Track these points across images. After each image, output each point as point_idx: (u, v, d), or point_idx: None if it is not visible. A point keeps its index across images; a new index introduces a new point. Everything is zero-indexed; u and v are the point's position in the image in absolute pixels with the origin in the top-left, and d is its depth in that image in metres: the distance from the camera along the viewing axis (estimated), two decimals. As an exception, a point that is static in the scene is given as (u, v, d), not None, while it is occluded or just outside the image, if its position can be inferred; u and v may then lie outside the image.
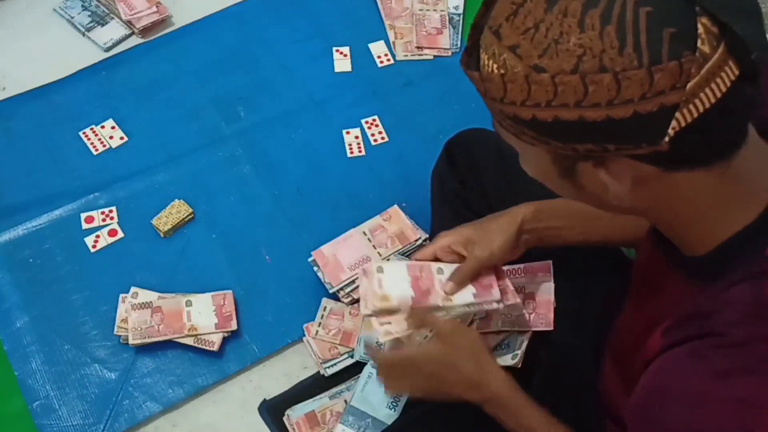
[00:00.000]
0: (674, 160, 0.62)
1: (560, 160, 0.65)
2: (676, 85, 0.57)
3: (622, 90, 0.57)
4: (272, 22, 1.68)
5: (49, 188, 1.43)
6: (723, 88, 0.58)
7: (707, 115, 0.58)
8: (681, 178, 0.63)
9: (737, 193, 0.65)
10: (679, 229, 0.70)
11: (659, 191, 0.65)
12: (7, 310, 1.30)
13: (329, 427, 1.17)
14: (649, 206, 0.68)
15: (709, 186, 0.64)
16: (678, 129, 0.58)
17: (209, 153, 1.49)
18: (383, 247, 1.30)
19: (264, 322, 1.30)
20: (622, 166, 0.62)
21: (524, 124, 0.62)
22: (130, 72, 1.59)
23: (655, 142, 0.59)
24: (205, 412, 1.23)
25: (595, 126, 0.59)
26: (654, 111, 0.58)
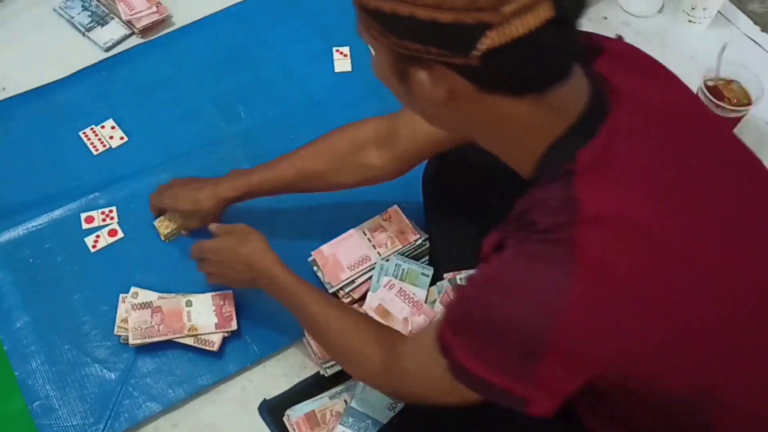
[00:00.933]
0: (485, 79, 0.71)
1: (398, 62, 0.74)
2: (495, 6, 0.65)
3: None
4: (272, 22, 1.68)
5: (49, 188, 1.43)
6: (535, 23, 0.66)
7: (515, 43, 0.66)
8: (496, 102, 0.72)
9: (550, 118, 0.74)
10: (505, 151, 0.80)
11: (476, 110, 0.74)
12: (7, 310, 1.30)
13: (329, 427, 1.17)
14: (469, 123, 0.78)
15: (524, 112, 0.73)
16: (489, 47, 0.66)
17: (209, 153, 1.49)
18: (383, 247, 1.30)
19: (264, 322, 1.30)
20: (442, 73, 0.71)
21: (371, 15, 0.71)
22: (130, 72, 1.59)
23: (468, 54, 0.67)
24: (205, 412, 1.23)
25: (422, 25, 0.67)
26: (471, 24, 0.66)
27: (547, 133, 0.75)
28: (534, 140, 0.76)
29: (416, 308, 1.20)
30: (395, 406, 1.16)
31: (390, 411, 1.16)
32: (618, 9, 1.71)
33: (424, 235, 1.31)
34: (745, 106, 1.40)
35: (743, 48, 1.63)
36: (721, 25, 1.67)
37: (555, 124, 0.75)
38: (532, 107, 0.73)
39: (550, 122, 0.75)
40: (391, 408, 1.16)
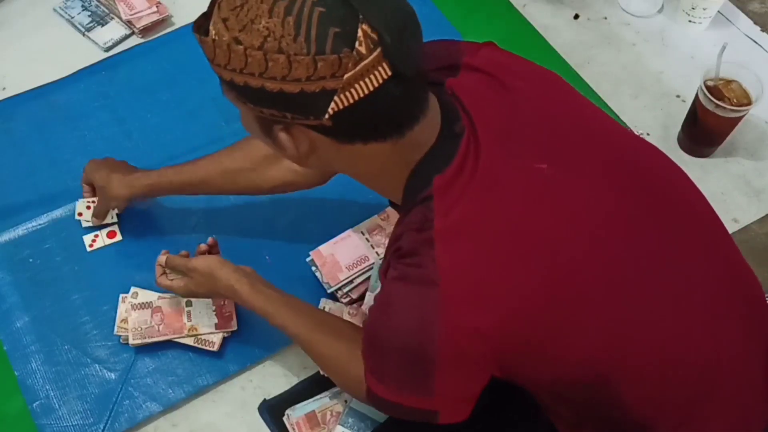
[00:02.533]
0: (340, 135, 0.78)
1: (260, 121, 0.81)
2: (335, 74, 0.71)
3: (293, 70, 0.71)
4: (272, 22, 1.67)
5: (49, 188, 1.43)
6: (375, 83, 0.72)
7: (360, 102, 0.73)
8: (357, 149, 0.79)
9: (410, 152, 0.82)
10: (374, 185, 0.89)
11: (340, 157, 0.82)
12: (7, 310, 1.30)
13: (329, 427, 1.17)
14: (338, 167, 0.87)
15: (385, 153, 0.81)
16: (336, 110, 0.73)
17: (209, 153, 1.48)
18: (381, 247, 1.30)
19: (264, 322, 1.28)
20: (301, 132, 0.79)
21: (228, 85, 0.78)
22: (130, 72, 1.59)
23: (319, 117, 0.74)
24: (205, 412, 1.23)
25: (274, 95, 0.74)
26: (317, 91, 0.72)
27: (407, 163, 0.83)
28: (397, 174, 0.84)
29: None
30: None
31: (389, 411, 1.16)
32: (618, 9, 1.71)
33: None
34: (745, 106, 1.40)
35: (743, 48, 1.63)
36: (721, 25, 1.66)
37: (413, 155, 0.82)
38: (392, 148, 0.80)
39: (410, 156, 0.82)
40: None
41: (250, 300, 1.10)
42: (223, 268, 1.13)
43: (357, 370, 0.94)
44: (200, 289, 1.16)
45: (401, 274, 0.81)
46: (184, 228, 1.39)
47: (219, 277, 1.12)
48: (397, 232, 0.85)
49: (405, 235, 0.82)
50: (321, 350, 1.06)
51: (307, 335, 1.07)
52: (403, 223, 0.84)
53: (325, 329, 1.07)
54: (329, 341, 1.05)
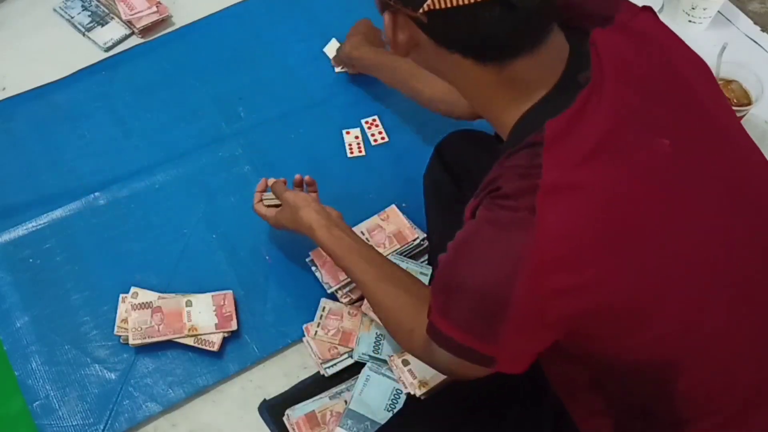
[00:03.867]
0: (437, 36, 0.77)
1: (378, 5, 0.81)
2: None
3: None
4: (272, 22, 1.68)
5: (49, 188, 1.43)
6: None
7: (456, 11, 0.71)
8: (459, 62, 0.78)
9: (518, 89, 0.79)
10: (482, 110, 0.85)
11: (442, 64, 0.80)
12: (7, 310, 1.30)
13: (329, 427, 1.17)
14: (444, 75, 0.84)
15: (487, 78, 0.78)
16: (432, 8, 0.72)
17: (209, 153, 1.49)
18: (381, 247, 1.30)
19: (264, 322, 1.30)
20: (404, 21, 0.79)
21: None
22: (130, 72, 1.59)
23: (415, 8, 0.74)
24: (205, 412, 1.23)
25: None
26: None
27: (517, 104, 0.79)
28: (505, 109, 0.80)
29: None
30: (393, 407, 1.16)
31: (388, 412, 1.16)
32: (618, 9, 1.70)
33: (422, 235, 1.31)
34: (745, 106, 1.39)
35: (743, 48, 1.63)
36: (721, 25, 1.66)
37: (524, 96, 0.79)
38: (494, 76, 0.78)
39: (518, 93, 0.79)
40: (389, 409, 1.16)
41: (323, 240, 1.14)
42: (307, 206, 1.17)
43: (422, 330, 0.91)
44: (286, 221, 1.21)
45: (494, 216, 0.77)
46: (185, 228, 1.39)
47: (301, 214, 1.17)
48: (495, 172, 0.79)
49: (506, 176, 0.77)
50: (383, 300, 1.06)
51: (371, 283, 1.07)
52: (505, 165, 0.78)
53: (391, 280, 1.06)
54: (394, 292, 1.04)
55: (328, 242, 1.13)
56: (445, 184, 1.26)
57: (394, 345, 1.20)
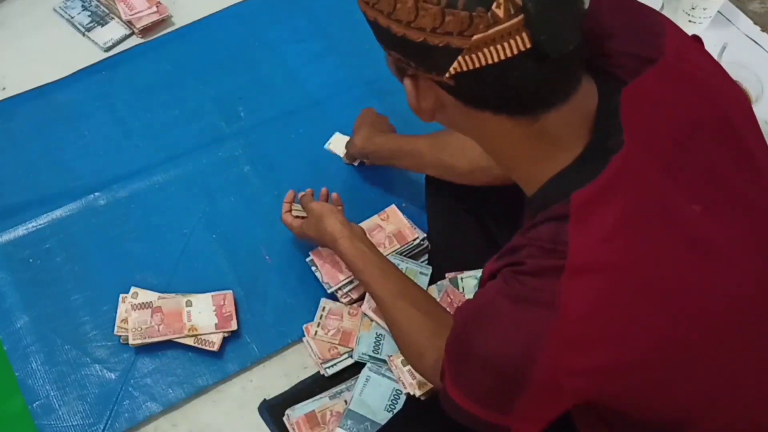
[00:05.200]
0: (465, 98, 0.71)
1: (393, 64, 0.76)
2: (463, 32, 0.65)
3: (419, 17, 0.66)
4: (272, 22, 1.68)
5: (49, 188, 1.43)
6: (508, 53, 0.65)
7: (486, 70, 0.66)
8: (487, 119, 0.72)
9: (547, 146, 0.73)
10: (507, 169, 0.80)
11: (469, 122, 0.75)
12: (7, 310, 1.30)
13: (329, 427, 1.17)
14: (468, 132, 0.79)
15: (516, 134, 0.73)
16: (459, 71, 0.67)
17: (209, 153, 1.49)
18: (381, 247, 1.30)
19: (264, 322, 1.30)
20: (427, 85, 0.73)
21: (369, 24, 0.73)
22: (130, 72, 1.59)
23: (441, 73, 0.69)
24: (205, 412, 1.23)
25: (398, 40, 0.69)
26: (440, 46, 0.66)
27: (545, 164, 0.74)
28: (532, 168, 0.76)
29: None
30: (393, 408, 1.16)
31: (388, 412, 1.16)
32: (618, 9, 1.70)
33: (422, 235, 1.31)
34: (745, 106, 1.39)
35: (743, 48, 1.63)
36: (721, 25, 1.66)
37: (553, 156, 0.74)
38: (524, 131, 0.72)
39: (546, 151, 0.74)
40: (389, 409, 1.16)
41: (345, 251, 1.14)
42: (331, 216, 1.18)
43: (433, 355, 0.90)
44: (310, 231, 1.22)
45: (515, 293, 0.73)
46: (185, 228, 1.39)
47: (326, 224, 1.17)
48: (519, 241, 0.76)
49: (529, 249, 0.73)
50: (398, 318, 1.05)
51: (388, 299, 1.06)
52: (528, 235, 0.74)
53: (409, 299, 1.05)
54: (411, 311, 1.03)
55: (350, 253, 1.14)
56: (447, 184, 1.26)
57: (393, 345, 1.20)
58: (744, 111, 0.82)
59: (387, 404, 1.16)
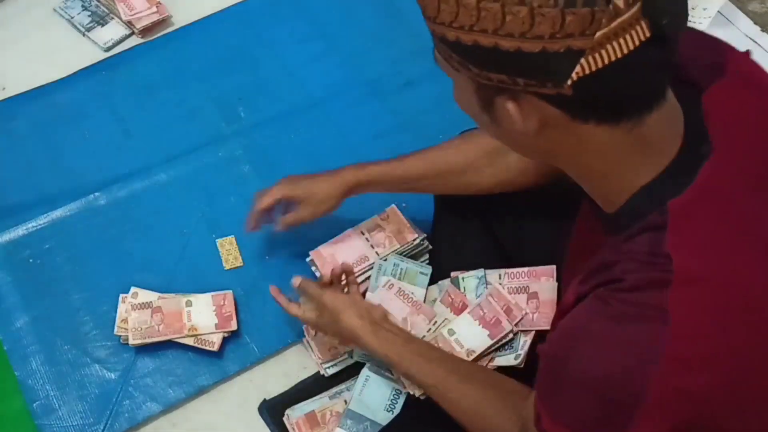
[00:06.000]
0: (578, 108, 0.65)
1: (481, 91, 0.68)
2: (585, 31, 0.60)
3: (535, 25, 0.60)
4: (272, 22, 1.68)
5: (49, 188, 1.43)
6: (631, 45, 0.61)
7: (611, 67, 0.61)
8: (588, 131, 0.67)
9: (643, 152, 0.69)
10: (591, 183, 0.75)
11: (567, 139, 0.69)
12: (7, 310, 1.30)
13: (329, 427, 1.17)
14: (559, 153, 0.72)
15: (616, 143, 0.68)
16: (582, 75, 0.62)
17: (209, 153, 1.49)
18: (381, 247, 1.30)
19: (264, 322, 1.30)
20: (531, 104, 0.66)
21: (450, 47, 0.66)
22: (130, 72, 1.59)
23: (559, 83, 0.63)
24: (205, 412, 1.23)
25: (508, 56, 0.63)
26: (561, 51, 0.61)
27: (639, 171, 0.71)
28: (624, 178, 0.72)
29: (415, 308, 1.20)
30: (393, 408, 1.16)
31: (388, 412, 1.15)
32: (618, 9, 1.70)
33: (422, 235, 1.31)
34: (745, 106, 1.39)
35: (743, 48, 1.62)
36: (721, 25, 1.66)
37: (647, 162, 0.70)
38: (624, 137, 0.68)
39: (642, 158, 0.70)
40: (389, 409, 1.16)
41: (373, 347, 1.05)
42: (347, 311, 1.07)
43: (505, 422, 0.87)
44: (327, 328, 1.12)
45: (618, 312, 0.68)
46: (185, 228, 1.39)
47: (342, 320, 1.07)
48: (610, 257, 0.71)
49: (625, 264, 0.69)
50: (463, 404, 0.97)
51: (442, 386, 0.99)
52: (621, 249, 0.71)
53: (462, 377, 0.98)
54: (471, 392, 0.96)
55: (378, 347, 1.04)
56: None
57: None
58: None
59: (387, 404, 1.16)
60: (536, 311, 1.13)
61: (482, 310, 1.14)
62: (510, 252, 1.21)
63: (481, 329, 1.13)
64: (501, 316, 1.12)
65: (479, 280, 1.19)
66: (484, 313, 1.13)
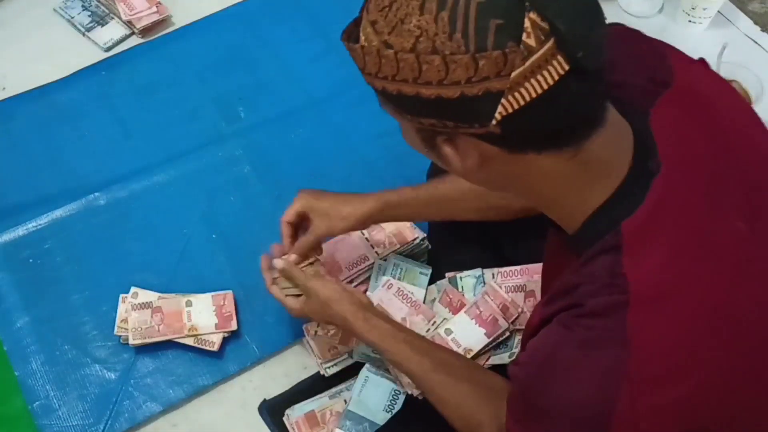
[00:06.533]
0: (511, 143, 0.66)
1: (420, 133, 0.70)
2: (500, 72, 0.61)
3: (450, 72, 0.62)
4: (272, 22, 1.68)
5: (49, 188, 1.43)
6: (550, 80, 0.62)
7: (534, 103, 0.62)
8: (530, 161, 0.68)
9: (590, 175, 0.70)
10: (548, 209, 0.76)
11: (511, 170, 0.70)
12: (7, 310, 1.30)
13: (329, 427, 1.17)
14: (508, 184, 0.74)
15: (561, 169, 0.69)
16: (506, 114, 0.63)
17: (209, 153, 1.49)
18: (381, 247, 1.30)
19: (264, 322, 1.30)
20: (467, 143, 0.67)
21: (382, 95, 0.68)
22: (130, 72, 1.59)
23: (485, 123, 0.64)
24: (205, 412, 1.23)
25: (431, 103, 0.64)
26: (479, 95, 0.62)
27: (590, 194, 0.72)
28: (576, 201, 0.73)
29: (414, 308, 1.20)
30: (392, 408, 1.16)
31: (387, 413, 1.16)
32: (618, 10, 1.71)
33: (422, 235, 1.31)
34: (745, 106, 1.39)
35: (743, 48, 1.63)
36: (721, 25, 1.66)
37: (597, 185, 0.71)
38: (569, 164, 0.69)
39: (591, 181, 0.71)
40: (389, 410, 1.16)
41: (365, 335, 1.06)
42: (339, 299, 1.07)
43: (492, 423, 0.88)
44: (314, 315, 1.11)
45: (581, 339, 0.70)
46: (185, 228, 1.39)
47: (334, 308, 1.07)
48: (570, 280, 0.73)
49: (585, 287, 0.71)
50: (445, 396, 0.99)
51: (425, 375, 1.01)
52: (580, 272, 0.72)
53: (448, 371, 1.00)
54: (455, 385, 0.99)
55: (368, 334, 1.05)
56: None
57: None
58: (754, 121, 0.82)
59: (386, 405, 1.16)
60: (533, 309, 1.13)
61: (478, 308, 1.14)
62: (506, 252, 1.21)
63: (477, 328, 1.13)
64: (497, 314, 1.12)
65: (477, 280, 1.20)
66: (481, 312, 1.14)
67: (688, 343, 0.68)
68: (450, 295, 1.22)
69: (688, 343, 0.68)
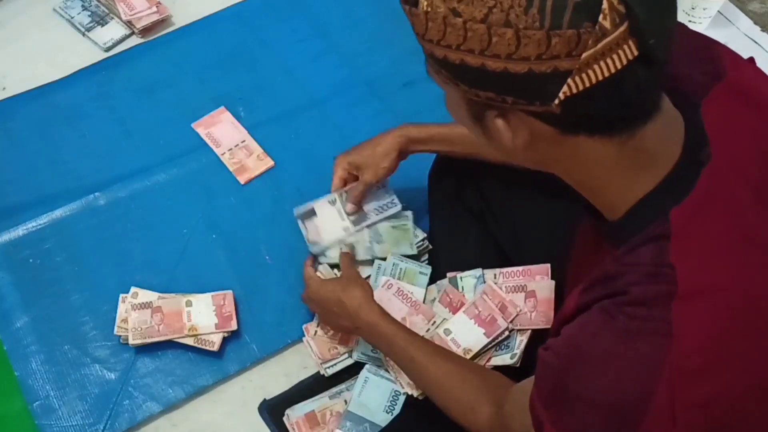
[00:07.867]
0: (567, 124, 0.66)
1: (471, 105, 0.69)
2: (571, 52, 0.60)
3: (521, 47, 0.61)
4: (272, 22, 1.68)
5: (49, 188, 1.43)
6: (618, 65, 0.61)
7: (598, 87, 0.62)
8: (580, 143, 0.67)
9: (639, 163, 0.69)
10: (591, 193, 0.75)
11: (560, 151, 0.69)
12: (7, 310, 1.30)
13: (329, 427, 1.17)
14: (554, 164, 0.73)
15: (611, 155, 0.68)
16: (569, 94, 0.62)
17: (209, 153, 1.49)
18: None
19: (264, 322, 1.30)
20: (520, 120, 0.67)
21: (439, 63, 0.66)
22: (130, 72, 1.59)
23: (546, 102, 0.63)
24: (205, 412, 1.23)
25: (495, 76, 0.63)
26: (547, 72, 0.61)
27: (637, 182, 0.71)
28: (622, 189, 0.72)
29: (414, 308, 1.20)
30: (392, 409, 1.16)
31: (387, 413, 1.15)
32: (618, 9, 1.71)
33: (422, 235, 1.31)
34: (745, 106, 1.39)
35: (743, 48, 1.63)
36: (721, 25, 1.66)
37: (645, 173, 0.71)
38: (619, 150, 0.68)
39: (639, 169, 0.70)
40: (389, 410, 1.16)
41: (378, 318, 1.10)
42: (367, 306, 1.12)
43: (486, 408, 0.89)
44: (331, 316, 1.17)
45: (624, 328, 0.68)
46: (185, 228, 1.39)
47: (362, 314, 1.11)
48: (612, 268, 0.71)
49: (629, 276, 0.69)
50: (441, 378, 1.01)
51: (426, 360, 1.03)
52: (623, 260, 0.71)
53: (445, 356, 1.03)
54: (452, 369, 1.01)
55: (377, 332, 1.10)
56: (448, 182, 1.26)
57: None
58: None
59: (386, 405, 1.16)
60: (534, 310, 1.13)
61: (477, 308, 1.14)
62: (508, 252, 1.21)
63: (476, 328, 1.13)
64: (496, 314, 1.12)
65: (477, 280, 1.19)
66: (479, 312, 1.14)
67: (726, 338, 0.67)
68: (450, 295, 1.22)
69: (727, 338, 0.67)
